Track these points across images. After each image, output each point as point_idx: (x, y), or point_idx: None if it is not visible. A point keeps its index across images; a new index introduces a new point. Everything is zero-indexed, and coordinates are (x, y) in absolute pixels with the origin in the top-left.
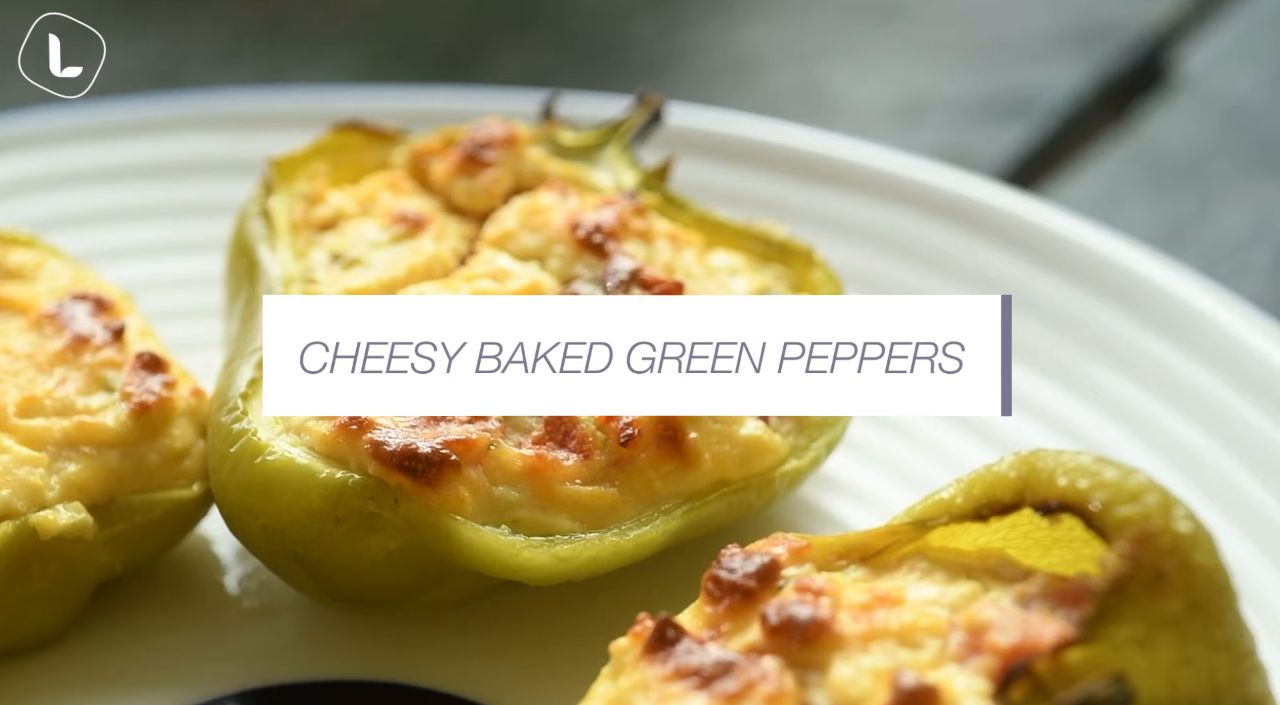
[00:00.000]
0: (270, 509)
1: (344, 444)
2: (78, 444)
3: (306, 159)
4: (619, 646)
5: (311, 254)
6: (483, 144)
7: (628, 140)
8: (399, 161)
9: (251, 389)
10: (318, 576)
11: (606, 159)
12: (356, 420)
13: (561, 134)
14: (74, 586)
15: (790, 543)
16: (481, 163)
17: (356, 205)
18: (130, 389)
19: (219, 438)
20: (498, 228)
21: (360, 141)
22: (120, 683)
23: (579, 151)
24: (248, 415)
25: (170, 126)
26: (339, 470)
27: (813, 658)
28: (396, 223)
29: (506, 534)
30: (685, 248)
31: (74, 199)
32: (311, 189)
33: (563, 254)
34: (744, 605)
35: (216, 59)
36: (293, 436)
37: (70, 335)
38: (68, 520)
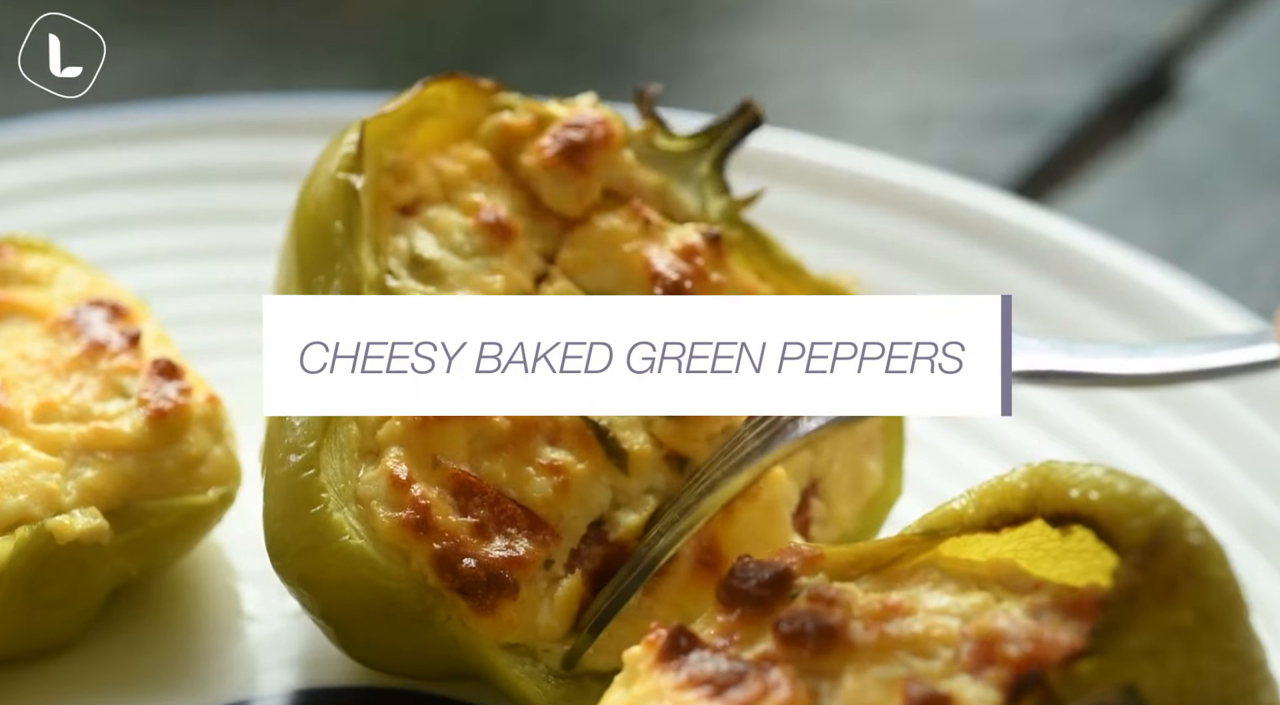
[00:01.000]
0: (324, 584)
1: (407, 541)
2: (94, 449)
3: (398, 117)
4: (632, 655)
5: (390, 253)
6: (580, 146)
7: (721, 150)
8: (487, 134)
9: (326, 437)
10: (347, 642)
11: (697, 176)
12: (421, 516)
13: (657, 137)
14: (89, 591)
15: (803, 553)
16: (576, 167)
17: (441, 188)
18: (146, 395)
19: (287, 488)
20: (574, 254)
21: (455, 94)
22: (133, 688)
23: (672, 158)
24: (319, 474)
25: (184, 132)
26: (400, 569)
27: (825, 667)
28: (482, 230)
29: (541, 679)
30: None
31: (88, 204)
32: (399, 160)
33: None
34: (757, 614)
35: (228, 66)
36: (357, 507)
37: (87, 341)
38: (84, 525)
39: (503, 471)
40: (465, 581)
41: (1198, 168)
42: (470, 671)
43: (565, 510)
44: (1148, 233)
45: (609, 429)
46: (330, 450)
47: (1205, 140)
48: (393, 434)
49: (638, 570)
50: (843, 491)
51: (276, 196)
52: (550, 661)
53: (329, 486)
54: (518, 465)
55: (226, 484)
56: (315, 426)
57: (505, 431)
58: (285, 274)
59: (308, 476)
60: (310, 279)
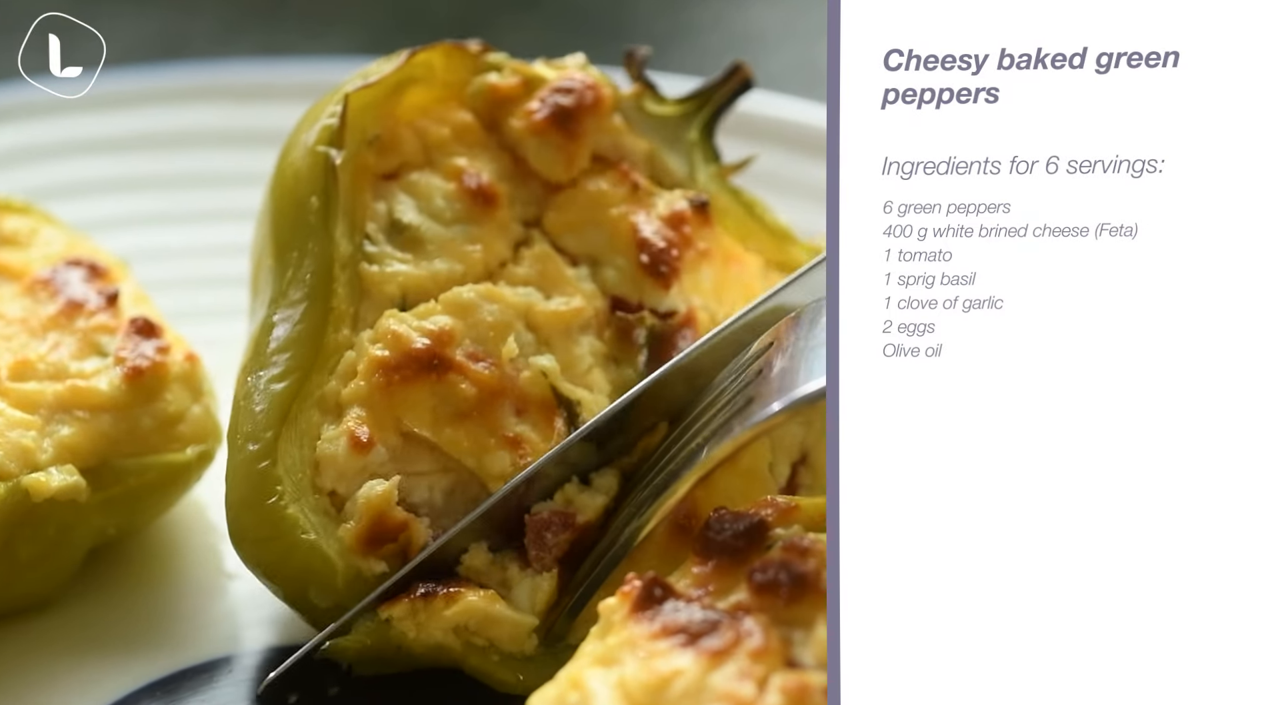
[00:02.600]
0: (282, 575)
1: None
2: (71, 408)
3: (384, 89)
4: (607, 606)
5: (369, 221)
6: (569, 110)
7: (711, 114)
8: (474, 95)
9: (285, 426)
10: (315, 624)
11: (686, 141)
12: (380, 531)
13: (647, 101)
14: (67, 550)
15: (778, 504)
16: (565, 132)
17: (424, 152)
18: (124, 353)
19: (244, 476)
20: (560, 217)
21: (441, 59)
22: (113, 646)
23: (661, 123)
24: (276, 465)
25: (169, 97)
26: (355, 569)
27: (798, 615)
28: (463, 196)
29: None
30: (742, 272)
31: (71, 168)
32: (381, 133)
33: (622, 268)
34: (732, 565)
35: (219, 34)
36: (318, 497)
37: (64, 300)
38: (60, 483)
39: (464, 440)
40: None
41: None
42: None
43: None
44: None
45: (578, 409)
46: (289, 439)
47: None
48: (357, 394)
49: (610, 553)
50: None
51: (261, 161)
52: (522, 647)
53: (285, 477)
54: (481, 435)
55: (205, 442)
56: (274, 415)
57: (471, 399)
58: (260, 245)
59: (264, 467)
60: (285, 255)
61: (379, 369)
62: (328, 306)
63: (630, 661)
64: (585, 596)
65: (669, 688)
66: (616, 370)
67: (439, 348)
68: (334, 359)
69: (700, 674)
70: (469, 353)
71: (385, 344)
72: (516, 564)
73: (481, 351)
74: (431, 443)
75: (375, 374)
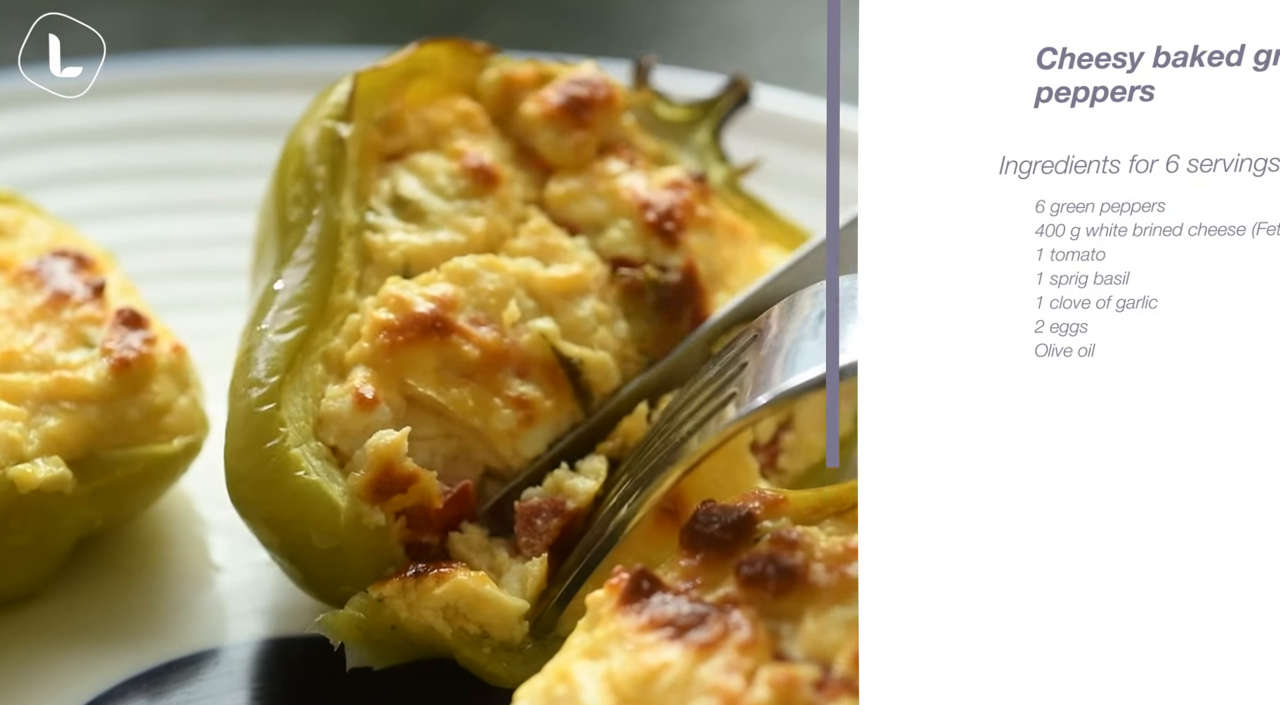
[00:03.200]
0: (282, 518)
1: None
2: (57, 399)
3: (391, 74)
4: (595, 598)
5: (374, 193)
6: (583, 102)
7: (718, 123)
8: (488, 83)
9: (289, 374)
10: (310, 577)
11: (696, 144)
12: (388, 481)
13: (656, 105)
14: (53, 541)
15: (766, 497)
16: (578, 121)
17: (428, 135)
18: (110, 345)
19: (245, 421)
20: (563, 188)
21: (448, 56)
22: (100, 638)
23: (671, 127)
24: (280, 409)
25: (155, 88)
26: (358, 514)
27: (786, 608)
28: (466, 174)
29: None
30: (743, 242)
31: (58, 159)
32: (388, 113)
33: (626, 229)
34: (720, 558)
35: (204, 25)
36: (319, 445)
37: (50, 291)
38: (46, 474)
39: (469, 399)
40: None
41: None
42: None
43: (521, 444)
44: None
45: (581, 366)
46: (294, 387)
47: None
48: (361, 354)
49: (599, 543)
50: (814, 421)
51: (249, 152)
52: (511, 636)
53: (289, 422)
54: (485, 395)
55: (192, 434)
56: (280, 362)
57: (475, 361)
58: (265, 222)
59: (268, 411)
60: (290, 225)
61: (383, 330)
62: (333, 267)
63: (618, 654)
64: (573, 588)
65: (657, 681)
66: (628, 326)
67: (441, 312)
68: (339, 318)
69: (688, 667)
70: (471, 318)
71: (389, 307)
72: (506, 551)
73: (483, 317)
74: (435, 408)
75: (379, 335)
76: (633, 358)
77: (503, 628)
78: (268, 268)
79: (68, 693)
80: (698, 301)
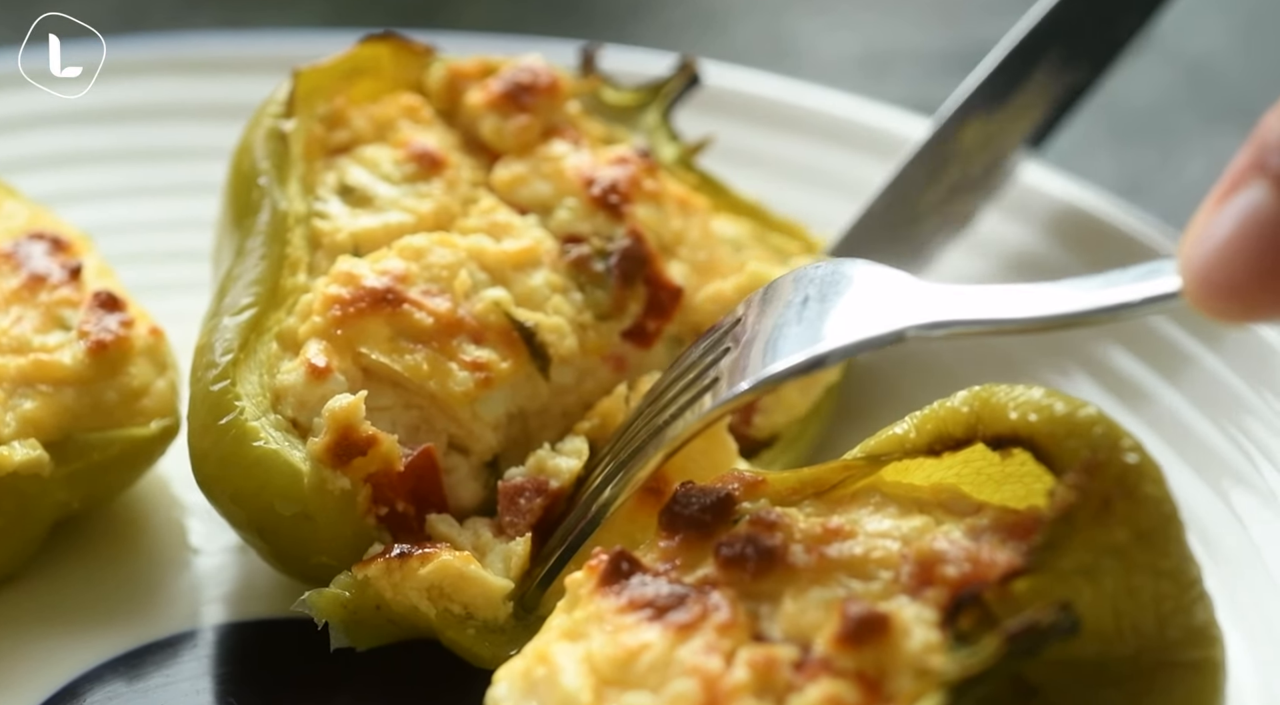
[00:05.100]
0: (246, 491)
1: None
2: (33, 381)
3: (333, 72)
4: (574, 580)
5: (320, 184)
6: (526, 87)
7: (667, 105)
8: (434, 78)
9: (243, 353)
10: (281, 551)
11: (646, 125)
12: (348, 444)
13: (603, 91)
14: (30, 524)
15: (745, 478)
16: (520, 106)
17: (373, 129)
18: (87, 327)
19: (201, 400)
20: (509, 171)
21: (390, 54)
22: (77, 621)
23: (619, 111)
24: (235, 385)
25: (130, 70)
26: (321, 479)
27: (765, 589)
28: (412, 160)
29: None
30: (693, 214)
31: (33, 141)
32: (331, 109)
33: (573, 207)
34: (699, 539)
35: (180, 8)
36: (278, 417)
37: (26, 274)
38: (23, 456)
39: (424, 364)
40: (394, 520)
41: (1154, 107)
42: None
43: (482, 408)
44: (1104, 170)
45: (536, 331)
46: (249, 366)
47: (1161, 80)
48: (314, 328)
49: (582, 524)
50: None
51: (224, 135)
52: (495, 617)
53: (245, 397)
54: (440, 360)
55: (169, 416)
56: (234, 342)
57: (428, 328)
58: (221, 219)
59: (223, 387)
60: (242, 220)
61: (334, 304)
62: (283, 253)
63: (597, 635)
64: (556, 568)
65: (636, 661)
66: (582, 296)
67: (393, 283)
68: (291, 299)
69: (667, 648)
70: (423, 291)
71: (340, 283)
72: (490, 530)
73: (435, 289)
74: (392, 378)
75: (331, 308)
76: (589, 324)
77: (487, 608)
78: (224, 263)
79: (45, 676)
80: (650, 267)
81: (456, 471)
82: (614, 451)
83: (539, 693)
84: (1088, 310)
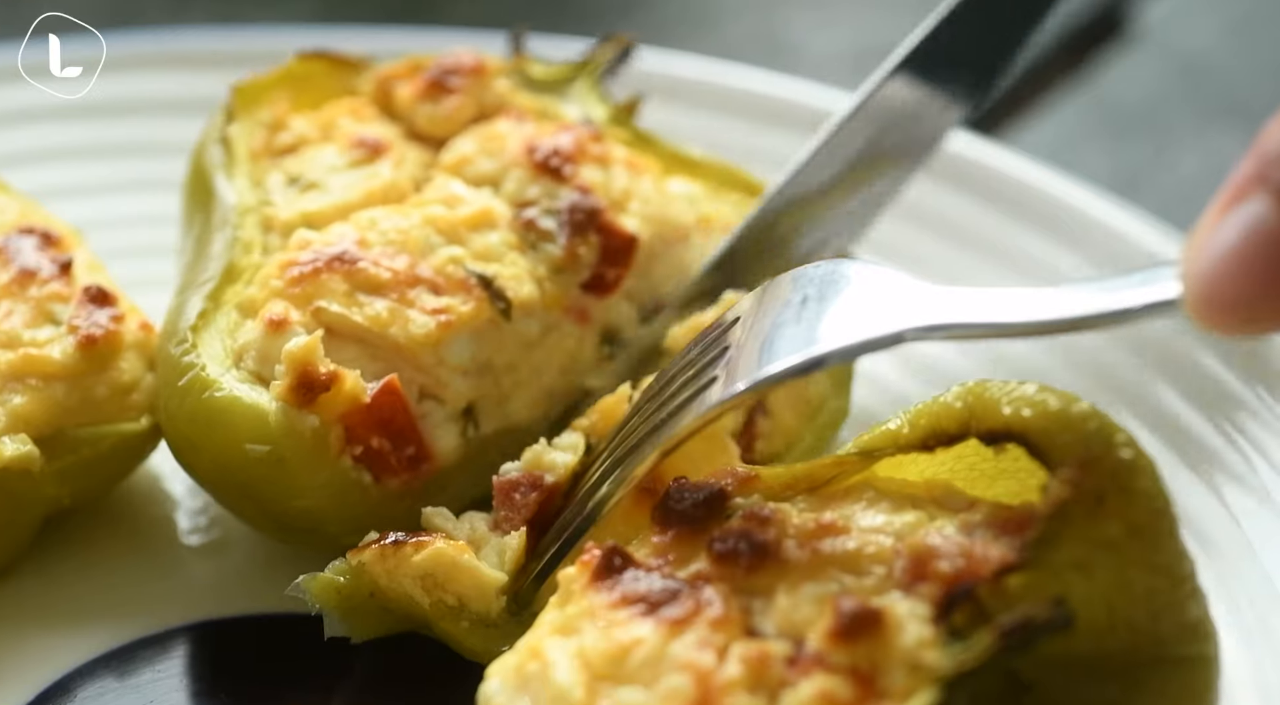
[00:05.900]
0: (216, 442)
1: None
2: (23, 376)
3: (270, 86)
4: (567, 575)
5: (268, 179)
6: (449, 71)
7: (597, 76)
8: (366, 86)
9: (201, 321)
10: (262, 501)
11: (576, 94)
12: (309, 381)
13: (531, 68)
14: (21, 519)
15: (738, 474)
16: (446, 89)
17: (317, 131)
18: (77, 322)
19: (168, 369)
20: (454, 153)
21: (324, 69)
22: (68, 616)
23: (548, 85)
24: (197, 348)
25: (123, 65)
26: (288, 419)
27: (758, 584)
28: (355, 148)
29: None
30: (643, 174)
31: (24, 136)
32: (273, 116)
33: (519, 178)
34: (692, 534)
35: (173, 3)
36: (241, 372)
37: (16, 268)
38: (13, 452)
39: (384, 313)
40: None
41: (1147, 103)
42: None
43: (447, 353)
44: (1097, 166)
45: (494, 279)
46: (210, 333)
47: (1155, 76)
48: (272, 292)
49: (578, 521)
50: (788, 401)
51: None
52: (488, 609)
53: (209, 360)
54: (399, 308)
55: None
56: (195, 316)
57: (386, 283)
58: (181, 214)
59: (185, 350)
60: (194, 214)
61: (292, 266)
62: (236, 237)
63: (590, 631)
64: (551, 564)
65: (629, 657)
66: (535, 254)
67: (349, 246)
68: (248, 273)
69: (660, 643)
70: (380, 254)
71: (296, 248)
72: (485, 525)
73: (392, 251)
74: (354, 333)
75: (288, 270)
76: (546, 277)
77: (480, 600)
78: (185, 256)
79: (36, 671)
80: (600, 218)
81: (431, 417)
82: (611, 449)
83: (531, 688)
84: (1087, 315)
